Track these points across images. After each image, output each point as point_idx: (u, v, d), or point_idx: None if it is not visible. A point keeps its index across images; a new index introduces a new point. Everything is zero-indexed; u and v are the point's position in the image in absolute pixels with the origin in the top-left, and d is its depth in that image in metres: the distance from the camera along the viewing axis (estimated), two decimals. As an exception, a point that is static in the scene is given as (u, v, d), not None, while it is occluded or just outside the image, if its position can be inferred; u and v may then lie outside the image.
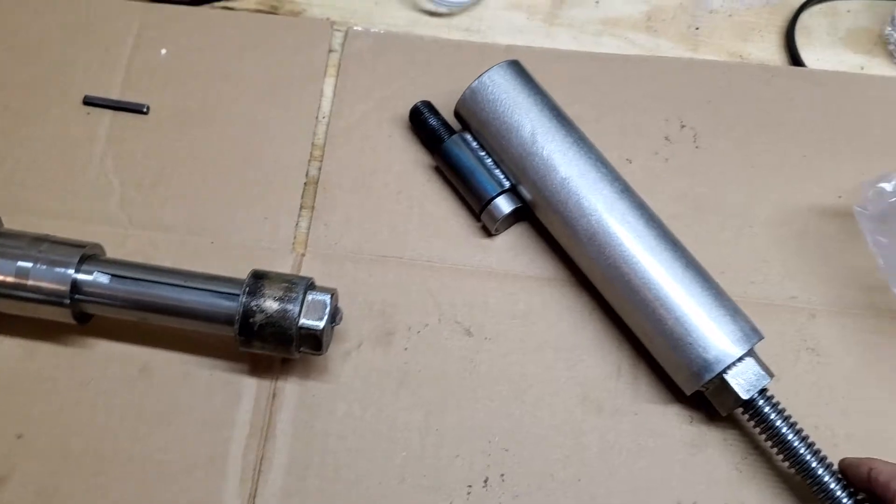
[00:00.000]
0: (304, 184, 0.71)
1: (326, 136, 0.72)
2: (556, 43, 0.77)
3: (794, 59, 0.76)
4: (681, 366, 0.60)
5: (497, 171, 0.67)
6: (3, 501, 0.59)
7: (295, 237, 0.69)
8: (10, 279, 0.59)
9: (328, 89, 0.74)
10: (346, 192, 0.70)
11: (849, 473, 0.56)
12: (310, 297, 0.59)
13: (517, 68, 0.67)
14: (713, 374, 0.58)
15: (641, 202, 0.64)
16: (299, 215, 0.70)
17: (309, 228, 0.69)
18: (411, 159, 0.71)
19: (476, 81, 0.66)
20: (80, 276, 0.59)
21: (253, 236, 0.68)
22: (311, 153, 0.72)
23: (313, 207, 0.70)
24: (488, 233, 0.69)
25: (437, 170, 0.71)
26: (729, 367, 0.58)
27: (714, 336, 0.59)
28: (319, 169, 0.71)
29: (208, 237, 0.68)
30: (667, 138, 0.72)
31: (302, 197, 0.70)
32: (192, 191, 0.70)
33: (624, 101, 0.73)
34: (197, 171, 0.70)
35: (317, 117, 0.73)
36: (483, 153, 0.68)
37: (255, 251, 0.67)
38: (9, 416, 0.62)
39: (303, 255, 0.68)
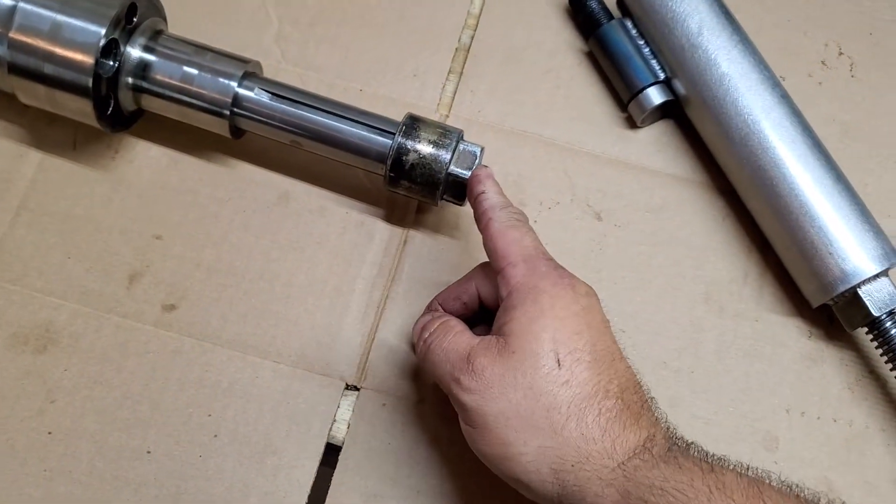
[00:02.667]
0: (455, 49, 0.71)
1: (483, 6, 0.72)
2: (723, -47, 0.75)
3: (964, 6, 0.74)
4: (815, 275, 0.59)
5: (653, 62, 0.67)
6: (135, 294, 0.61)
7: (440, 99, 0.69)
8: (174, 82, 0.60)
9: (490, -39, 0.74)
10: (495, 64, 0.70)
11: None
12: (462, 146, 0.59)
13: (690, -39, 0.66)
14: (847, 287, 0.58)
15: (798, 111, 0.63)
16: (447, 79, 0.70)
17: (455, 93, 0.69)
18: (564, 41, 0.71)
19: (649, -33, 0.66)
20: (242, 91, 0.60)
21: (400, 91, 0.69)
22: (465, 21, 0.72)
23: (461, 73, 0.70)
24: (632, 124, 0.68)
25: (589, 56, 0.70)
26: (864, 282, 0.58)
27: (854, 250, 0.59)
28: (472, 37, 0.71)
29: (357, 84, 0.69)
30: (823, 62, 0.71)
31: (452, 61, 0.70)
32: (348, 36, 0.70)
33: (786, 20, 0.73)
34: (356, 17, 0.71)
35: (476, -14, 0.73)
36: (641, 42, 0.67)
37: (400, 105, 0.68)
38: (149, 218, 0.63)
39: (446, 116, 0.68)
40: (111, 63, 0.58)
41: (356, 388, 0.60)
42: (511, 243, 0.50)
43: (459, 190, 0.60)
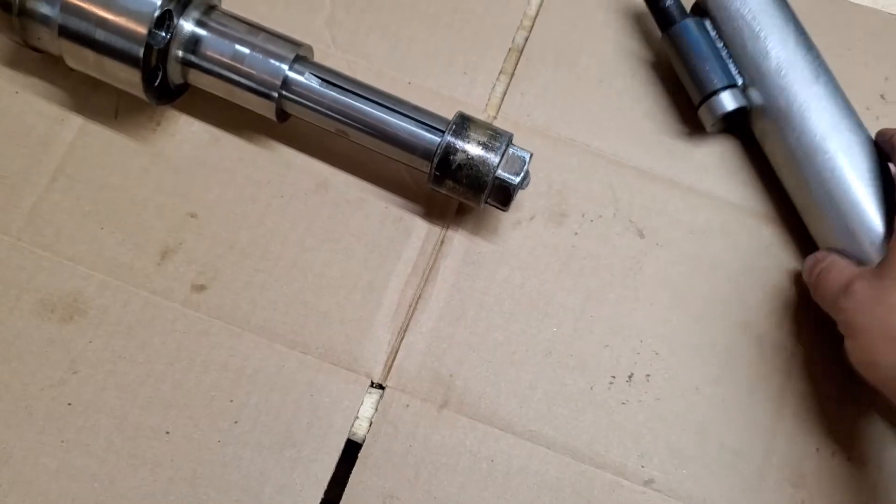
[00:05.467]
0: (508, 49, 0.69)
1: (540, 8, 0.71)
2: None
3: None
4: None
5: (731, 65, 0.65)
6: (166, 271, 0.60)
7: (489, 99, 0.68)
8: (225, 60, 0.59)
9: (551, -39, 0.72)
10: (547, 67, 0.69)
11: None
12: (511, 151, 0.58)
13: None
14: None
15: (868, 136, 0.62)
16: (497, 79, 0.69)
17: (505, 94, 0.68)
18: (622, 49, 0.70)
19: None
20: (292, 74, 0.59)
21: (449, 87, 0.68)
22: (521, 21, 0.70)
23: (513, 74, 0.69)
24: (684, 141, 0.67)
25: (646, 65, 0.69)
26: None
27: None
28: (526, 39, 0.70)
29: (406, 76, 0.68)
30: (882, 97, 0.70)
31: (504, 61, 0.69)
32: (400, 26, 0.69)
33: (847, 49, 0.71)
34: (409, 6, 0.69)
35: (534, -14, 0.71)
36: (720, 45, 0.65)
37: (448, 103, 0.67)
38: (185, 195, 0.62)
39: (494, 118, 0.67)
40: (163, 34, 0.57)
41: (381, 387, 0.59)
42: None
43: (505, 195, 0.58)
